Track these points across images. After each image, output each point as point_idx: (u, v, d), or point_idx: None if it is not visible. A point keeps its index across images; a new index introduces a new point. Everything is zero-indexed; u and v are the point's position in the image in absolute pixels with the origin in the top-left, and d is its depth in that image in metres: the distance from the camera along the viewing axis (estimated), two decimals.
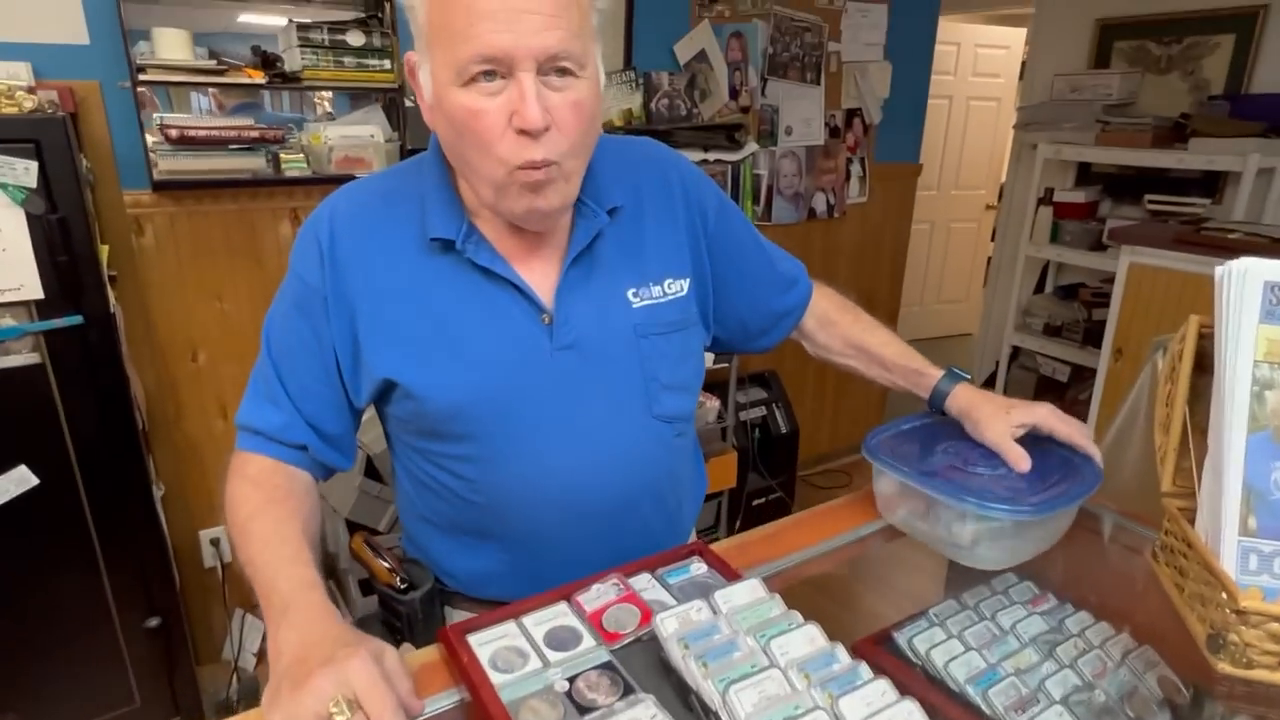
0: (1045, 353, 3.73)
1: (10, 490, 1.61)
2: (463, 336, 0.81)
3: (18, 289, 1.52)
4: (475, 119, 0.70)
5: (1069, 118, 3.51)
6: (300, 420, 0.85)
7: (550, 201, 0.76)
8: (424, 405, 0.82)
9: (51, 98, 1.63)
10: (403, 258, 0.82)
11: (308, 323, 0.83)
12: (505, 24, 0.67)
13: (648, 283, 0.88)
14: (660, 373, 0.88)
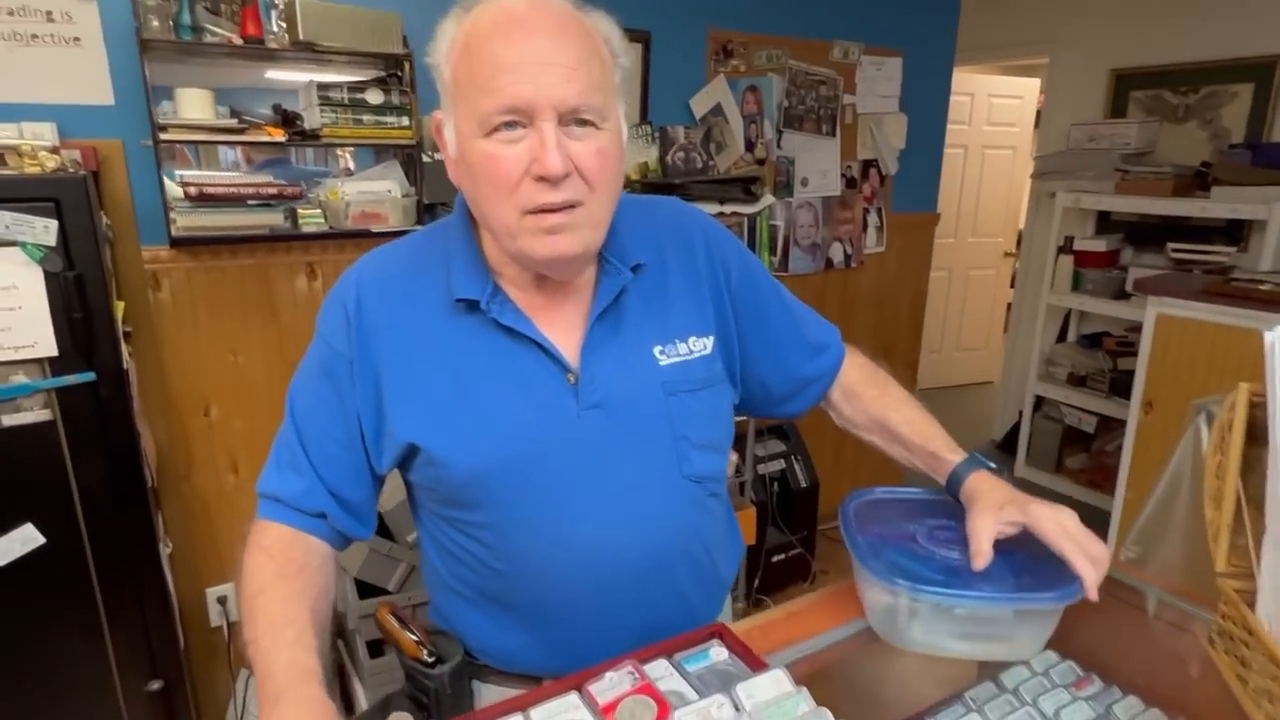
0: (1070, 403, 3.66)
1: (15, 549, 1.59)
2: (487, 399, 0.80)
3: (32, 346, 1.52)
4: (495, 165, 0.71)
5: (1087, 167, 3.50)
6: (321, 487, 0.83)
7: (572, 245, 0.74)
8: (447, 470, 0.80)
9: (75, 157, 1.65)
10: (428, 320, 0.81)
11: (332, 387, 0.82)
12: (527, 76, 0.68)
13: (673, 340, 0.86)
14: (690, 431, 0.85)
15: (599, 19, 0.77)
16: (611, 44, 0.77)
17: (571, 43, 0.71)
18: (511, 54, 0.69)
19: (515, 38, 0.69)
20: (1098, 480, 3.62)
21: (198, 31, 1.69)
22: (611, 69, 0.76)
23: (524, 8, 0.71)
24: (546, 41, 0.70)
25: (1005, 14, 4.09)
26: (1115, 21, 3.63)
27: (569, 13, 0.73)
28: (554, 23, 0.71)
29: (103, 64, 1.73)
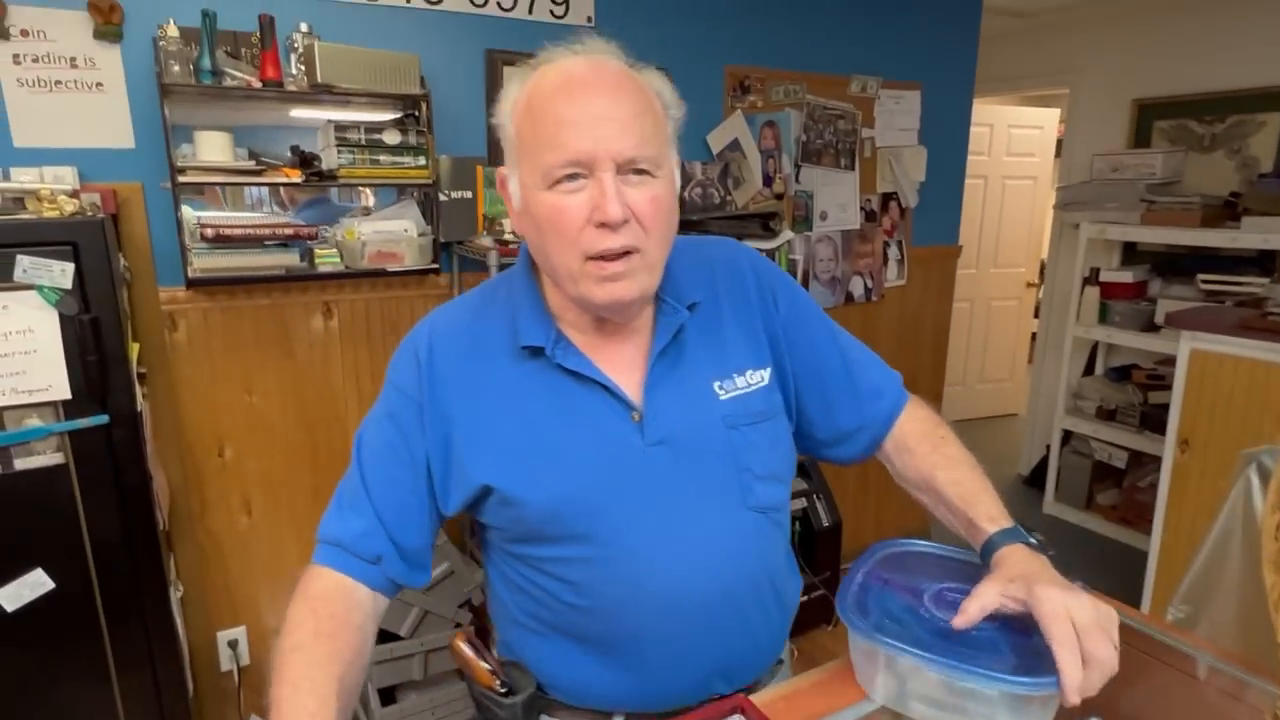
0: (1100, 437, 3.57)
1: (25, 595, 1.57)
2: (556, 439, 0.84)
3: (46, 389, 1.51)
4: (559, 215, 0.76)
5: (1111, 197, 3.45)
6: (380, 529, 0.85)
7: (629, 290, 0.78)
8: (522, 510, 0.84)
9: (94, 200, 1.66)
10: (496, 366, 0.86)
11: (399, 432, 0.86)
12: (588, 131, 0.74)
13: (730, 374, 0.89)
14: (752, 463, 0.88)
15: (651, 75, 0.82)
16: (664, 98, 0.82)
17: (627, 99, 0.76)
18: (573, 111, 0.75)
19: (576, 96, 0.75)
20: (1130, 518, 3.51)
21: (217, 75, 1.71)
22: (664, 121, 0.81)
23: (583, 69, 0.77)
24: (604, 99, 0.75)
25: (1024, 45, 4.08)
26: (1137, 52, 3.60)
27: (624, 71, 0.79)
28: (611, 81, 0.77)
29: (124, 108, 1.75)
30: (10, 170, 1.63)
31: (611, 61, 0.79)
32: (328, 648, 0.77)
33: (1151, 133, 3.59)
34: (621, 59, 0.80)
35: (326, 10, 1.90)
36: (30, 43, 1.65)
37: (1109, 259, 3.67)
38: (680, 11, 2.40)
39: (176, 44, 1.67)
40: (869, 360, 1.00)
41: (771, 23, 2.57)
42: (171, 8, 1.71)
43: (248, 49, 1.81)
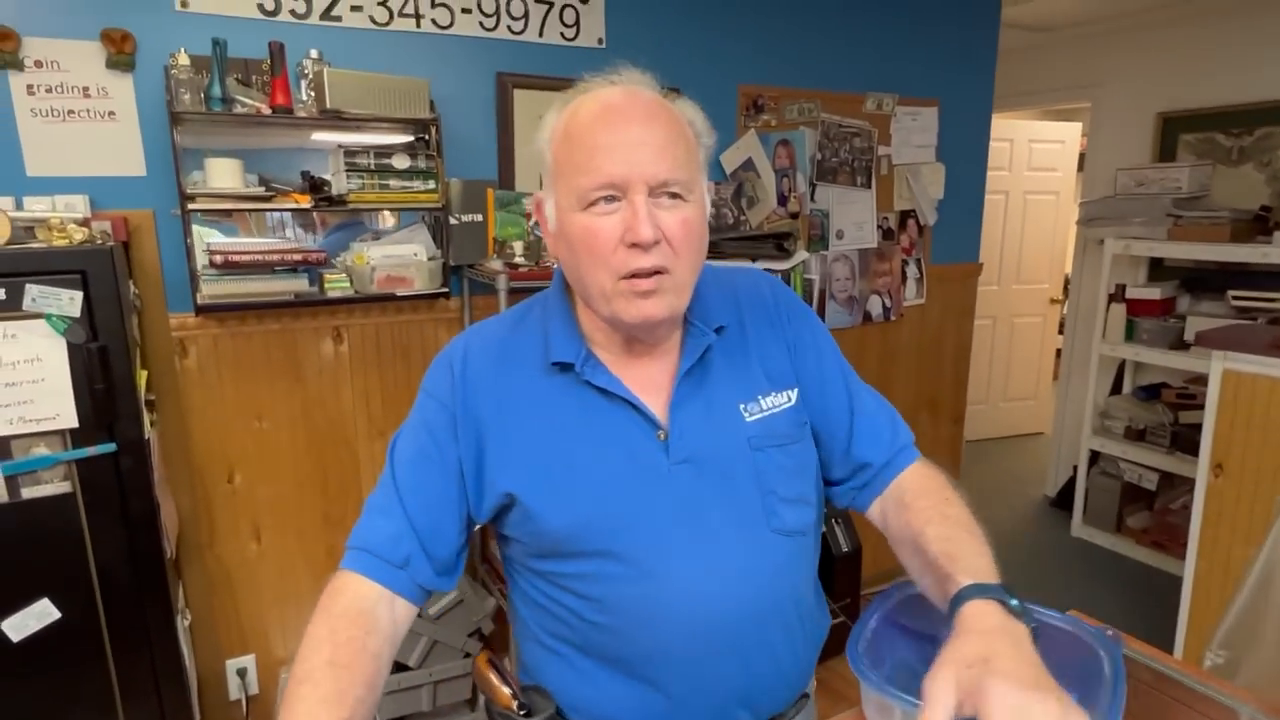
0: (1129, 458, 3.47)
1: (31, 625, 1.56)
2: (582, 454, 0.85)
3: (53, 418, 1.51)
4: (593, 236, 0.79)
5: (1137, 212, 3.37)
6: (410, 531, 0.85)
7: (659, 309, 0.80)
8: (544, 523, 0.85)
9: (105, 228, 1.66)
10: (528, 381, 0.88)
11: (433, 439, 0.88)
12: (622, 155, 0.77)
13: (756, 397, 0.90)
14: (778, 485, 0.88)
15: (684, 104, 0.86)
16: (696, 126, 0.85)
17: (660, 126, 0.79)
18: (609, 137, 0.78)
19: (612, 123, 0.79)
20: (1163, 541, 3.40)
21: (228, 103, 1.71)
22: (696, 148, 0.84)
23: (619, 98, 0.80)
24: (638, 126, 0.78)
25: (1044, 59, 4.03)
26: (1160, 64, 3.53)
27: (658, 100, 0.82)
28: (645, 110, 0.80)
29: (136, 136, 1.76)
30: (23, 199, 1.64)
31: (646, 91, 0.83)
32: (340, 680, 0.75)
33: (1177, 146, 3.52)
34: (656, 89, 0.84)
35: (337, 36, 1.91)
36: (44, 73, 1.66)
37: (1135, 275, 3.58)
38: (692, 32, 2.39)
39: (187, 72, 1.67)
40: (879, 409, 0.97)
41: (785, 41, 2.55)
42: (183, 37, 1.73)
43: (258, 76, 1.81)
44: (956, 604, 0.71)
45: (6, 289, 1.44)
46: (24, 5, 1.63)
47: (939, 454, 3.24)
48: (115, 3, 1.70)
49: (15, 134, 1.66)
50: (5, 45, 1.62)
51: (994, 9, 2.96)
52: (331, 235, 2.02)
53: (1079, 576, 3.32)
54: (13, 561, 1.52)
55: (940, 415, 3.22)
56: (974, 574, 0.73)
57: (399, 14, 1.98)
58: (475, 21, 2.07)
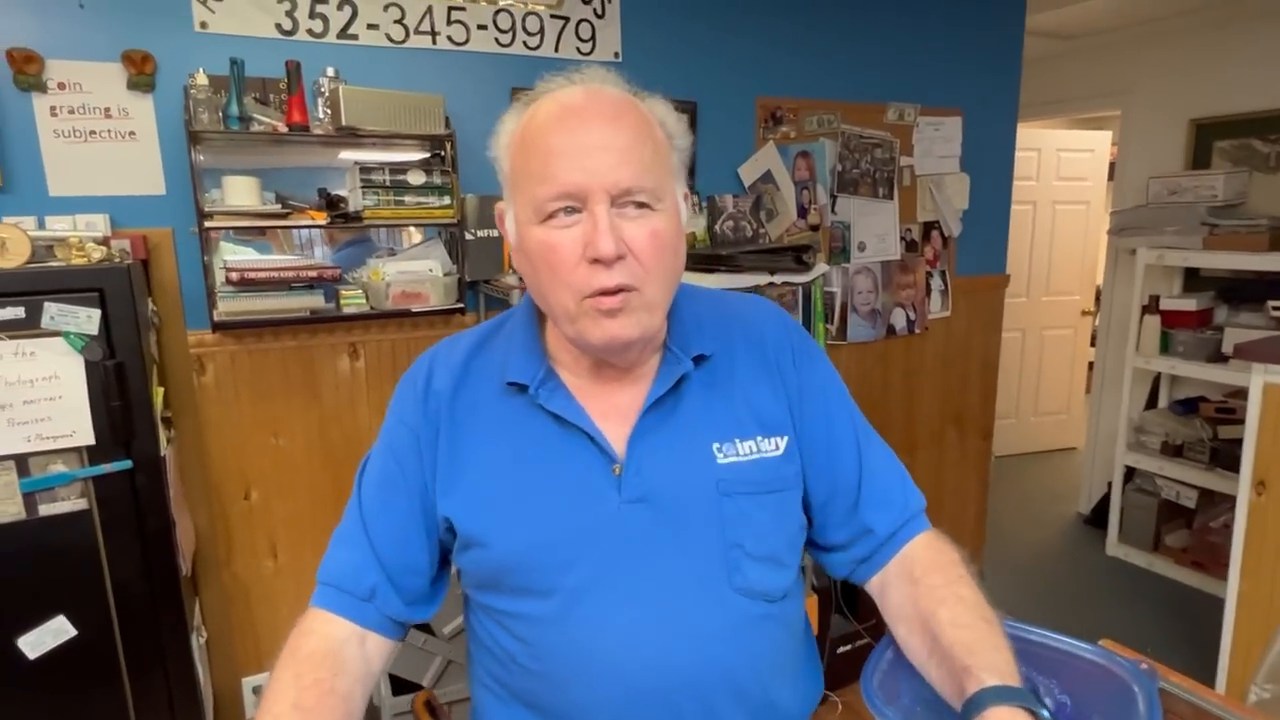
0: (1166, 474, 3.36)
1: (47, 643, 1.56)
2: (529, 483, 0.79)
3: (70, 435, 1.52)
4: (551, 251, 0.72)
5: (1170, 221, 3.28)
6: (374, 561, 0.81)
7: (628, 330, 0.73)
8: (483, 552, 0.80)
9: (124, 246, 1.68)
10: (485, 402, 0.83)
11: (396, 461, 0.83)
12: (579, 162, 0.70)
13: (734, 438, 0.81)
14: (745, 539, 0.79)
15: (654, 103, 0.78)
16: (667, 126, 0.78)
17: (624, 127, 0.72)
18: (565, 141, 0.71)
19: (568, 126, 0.71)
20: (1203, 561, 3.28)
21: (245, 121, 1.73)
22: (667, 150, 0.77)
23: (578, 98, 0.73)
24: (599, 128, 0.71)
25: (1072, 67, 3.95)
26: (1192, 70, 3.45)
27: (623, 99, 0.75)
28: (607, 110, 0.72)
29: (156, 156, 1.78)
30: (45, 219, 1.66)
31: (609, 89, 0.75)
32: None
33: (1211, 153, 3.42)
34: (622, 86, 0.76)
35: (353, 54, 1.92)
36: (67, 95, 1.69)
37: (1169, 286, 3.48)
38: (709, 44, 2.37)
39: (206, 92, 1.69)
40: (892, 468, 0.87)
41: (803, 52, 2.52)
42: (202, 57, 1.75)
43: (275, 94, 1.83)
44: (977, 705, 0.64)
45: (26, 307, 1.45)
46: (48, 29, 1.66)
47: (966, 471, 3.17)
48: (136, 25, 1.73)
49: (38, 155, 1.69)
50: (29, 68, 1.65)
51: (1018, 17, 2.91)
52: (341, 251, 2.02)
53: (1114, 597, 3.21)
54: (30, 578, 1.53)
55: (967, 431, 3.14)
56: (997, 673, 0.66)
57: (414, 31, 1.99)
58: (490, 38, 2.08)
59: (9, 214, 1.62)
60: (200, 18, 1.78)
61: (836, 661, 2.48)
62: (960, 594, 0.75)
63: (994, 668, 0.66)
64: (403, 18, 1.97)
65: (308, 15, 1.87)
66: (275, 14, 1.84)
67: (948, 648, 0.70)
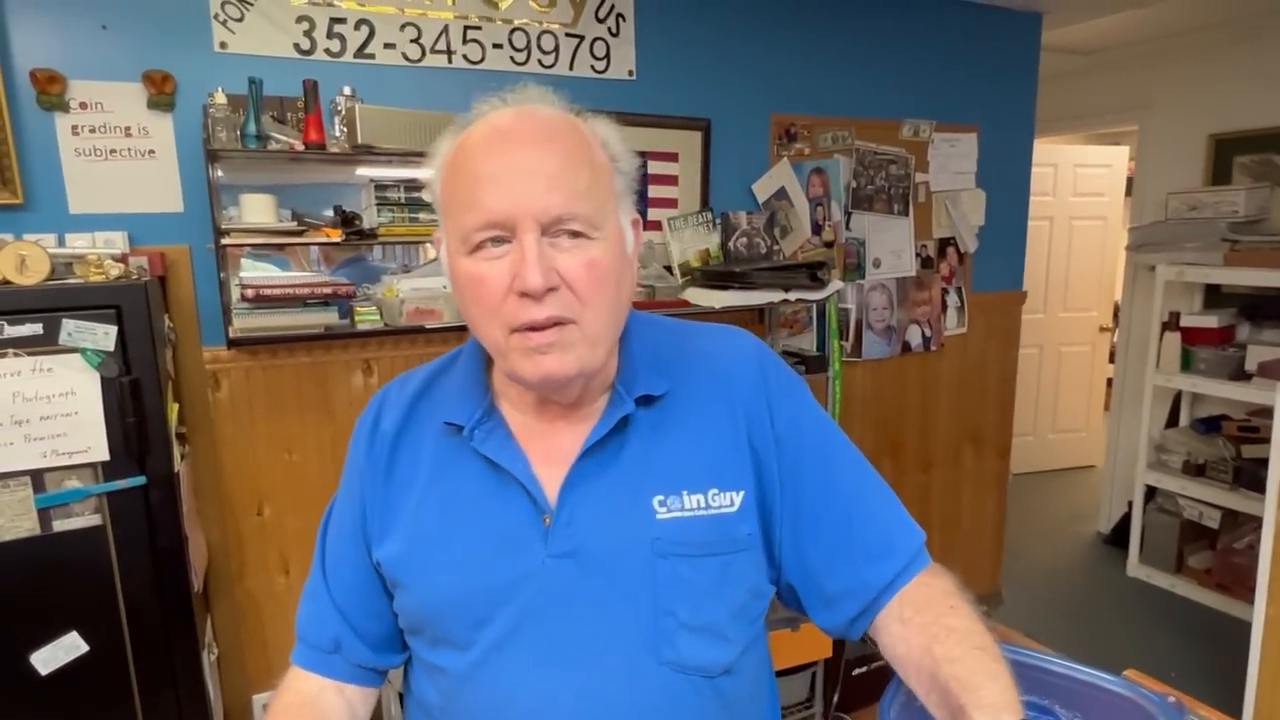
0: (1188, 494, 3.30)
1: (60, 658, 1.56)
2: (457, 528, 0.74)
3: (85, 450, 1.53)
4: (479, 285, 0.67)
5: (1190, 237, 3.25)
6: (334, 612, 0.79)
7: (561, 365, 0.67)
8: (406, 595, 0.76)
9: (141, 263, 1.69)
10: (426, 441, 0.78)
11: (348, 506, 0.81)
12: (506, 188, 0.65)
13: (681, 490, 0.72)
14: (678, 606, 0.71)
15: (597, 123, 0.73)
16: (610, 147, 0.72)
17: (557, 150, 0.67)
18: (492, 166, 0.66)
19: (496, 149, 0.66)
20: (1227, 583, 3.21)
21: (263, 140, 1.74)
22: (609, 174, 0.71)
23: (509, 120, 0.68)
24: (528, 151, 0.66)
25: (1088, 82, 3.93)
26: (1212, 85, 3.42)
27: (558, 120, 0.69)
28: (537, 131, 0.67)
29: (174, 174, 1.80)
30: (65, 236, 1.68)
31: (543, 109, 0.70)
32: None
33: (1231, 168, 3.39)
34: (560, 106, 0.71)
35: (370, 73, 1.94)
36: (88, 114, 1.71)
37: (1189, 302, 3.44)
38: (723, 61, 2.38)
39: (224, 111, 1.71)
40: (886, 509, 0.78)
41: (818, 69, 2.52)
42: (221, 76, 1.77)
43: (293, 113, 1.84)
44: None
45: (44, 324, 1.46)
46: (71, 49, 1.69)
47: (983, 489, 3.13)
48: (157, 45, 1.75)
49: (60, 173, 1.71)
50: (53, 89, 1.67)
51: (1034, 33, 2.90)
52: (341, 269, 2.03)
53: (1136, 619, 3.15)
54: (43, 594, 1.53)
55: (984, 449, 3.10)
56: (992, 708, 0.61)
57: (431, 50, 2.00)
58: (506, 56, 2.09)
59: (30, 231, 1.63)
60: (220, 38, 1.80)
61: (851, 683, 2.44)
62: (950, 625, 0.69)
63: (988, 703, 0.61)
64: (419, 37, 1.99)
65: (325, 35, 1.89)
66: (294, 34, 1.86)
67: (944, 685, 0.65)
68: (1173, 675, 2.66)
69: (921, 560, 0.76)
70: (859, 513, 0.76)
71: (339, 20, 1.90)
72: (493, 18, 2.06)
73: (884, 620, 0.74)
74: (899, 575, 0.74)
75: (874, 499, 0.78)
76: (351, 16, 1.91)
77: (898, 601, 0.74)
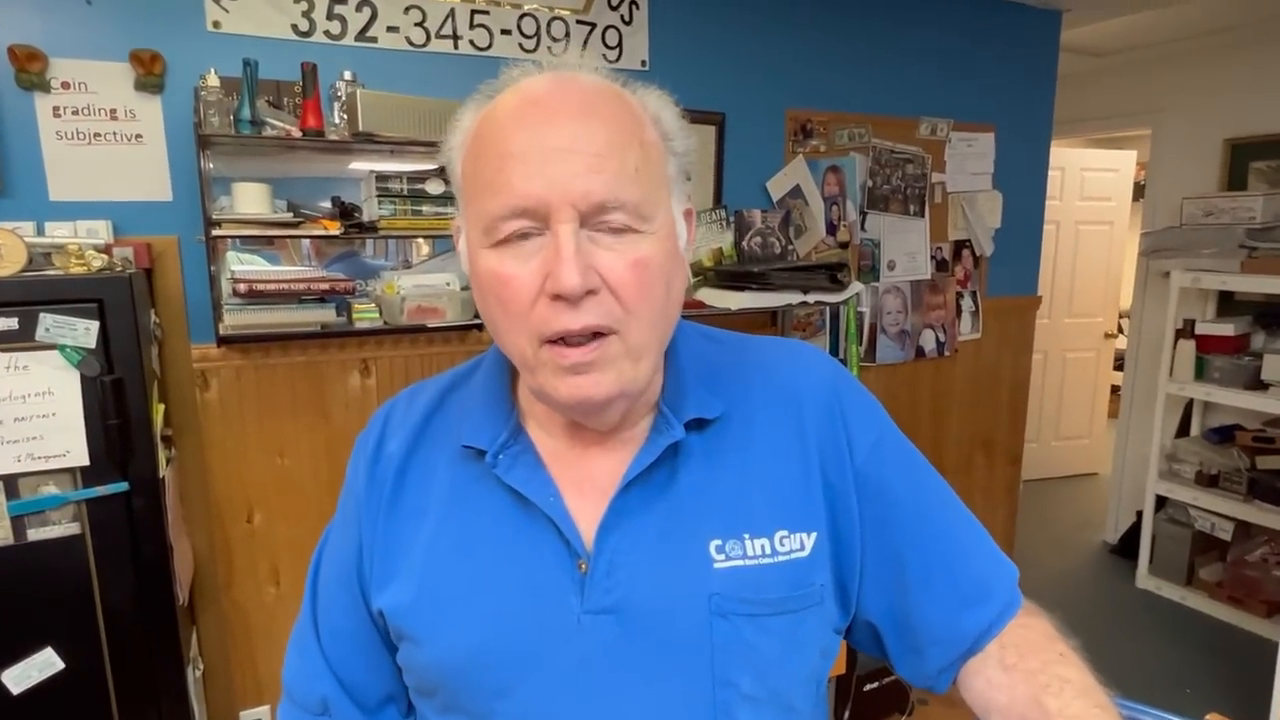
0: (1200, 505, 3.23)
1: (33, 676, 1.46)
2: (478, 573, 0.62)
3: (64, 455, 1.43)
4: (504, 285, 0.55)
5: (1206, 243, 3.18)
6: (324, 667, 0.68)
7: (601, 387, 0.56)
8: (417, 650, 0.64)
9: (126, 255, 1.59)
10: (440, 467, 0.66)
11: (344, 541, 0.69)
12: (538, 167, 0.53)
13: (742, 534, 0.61)
14: (740, 675, 0.60)
15: (647, 94, 0.61)
16: (663, 124, 0.60)
17: (601, 124, 0.55)
18: (522, 141, 0.54)
19: (527, 122, 0.55)
20: (1240, 596, 3.15)
21: (257, 125, 1.64)
22: (662, 155, 0.59)
23: (544, 87, 0.57)
24: (567, 125, 0.54)
25: (1101, 85, 3.87)
26: (1227, 89, 3.36)
27: (602, 89, 0.58)
28: (580, 103, 0.56)
29: (163, 160, 1.70)
30: (45, 224, 1.58)
31: (585, 76, 0.58)
32: None
33: (1247, 174, 3.33)
34: (603, 73, 0.60)
35: (372, 58, 1.84)
36: (71, 95, 1.61)
37: (1203, 309, 3.38)
38: (739, 54, 2.29)
39: (217, 94, 1.61)
40: (979, 546, 0.68)
41: (835, 65, 2.44)
42: (214, 58, 1.67)
43: (290, 98, 1.75)
44: None
45: (20, 318, 1.37)
46: (53, 27, 1.58)
47: (995, 497, 3.06)
48: (145, 23, 1.65)
49: (39, 157, 1.60)
50: (32, 66, 1.57)
51: (1054, 31, 2.83)
52: (332, 265, 1.92)
53: (1146, 631, 3.08)
54: (17, 608, 1.43)
55: (996, 456, 3.03)
56: None
57: (436, 35, 1.91)
58: (515, 43, 2.00)
59: (7, 219, 1.53)
60: (213, 17, 1.70)
61: (863, 700, 2.36)
62: (1064, 676, 0.60)
63: None
64: (424, 20, 1.89)
65: (325, 16, 1.79)
66: (291, 14, 1.76)
67: None
68: (1188, 691, 2.60)
69: (1017, 601, 0.66)
70: (952, 552, 0.66)
71: (339, 1, 1.80)
72: (501, 2, 1.97)
73: (979, 665, 0.64)
74: (996, 619, 0.64)
75: (966, 535, 0.68)
76: None
77: (997, 645, 0.64)
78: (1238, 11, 3.06)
